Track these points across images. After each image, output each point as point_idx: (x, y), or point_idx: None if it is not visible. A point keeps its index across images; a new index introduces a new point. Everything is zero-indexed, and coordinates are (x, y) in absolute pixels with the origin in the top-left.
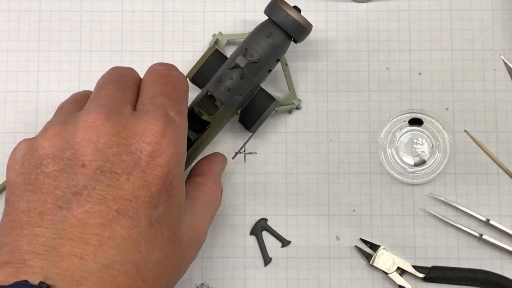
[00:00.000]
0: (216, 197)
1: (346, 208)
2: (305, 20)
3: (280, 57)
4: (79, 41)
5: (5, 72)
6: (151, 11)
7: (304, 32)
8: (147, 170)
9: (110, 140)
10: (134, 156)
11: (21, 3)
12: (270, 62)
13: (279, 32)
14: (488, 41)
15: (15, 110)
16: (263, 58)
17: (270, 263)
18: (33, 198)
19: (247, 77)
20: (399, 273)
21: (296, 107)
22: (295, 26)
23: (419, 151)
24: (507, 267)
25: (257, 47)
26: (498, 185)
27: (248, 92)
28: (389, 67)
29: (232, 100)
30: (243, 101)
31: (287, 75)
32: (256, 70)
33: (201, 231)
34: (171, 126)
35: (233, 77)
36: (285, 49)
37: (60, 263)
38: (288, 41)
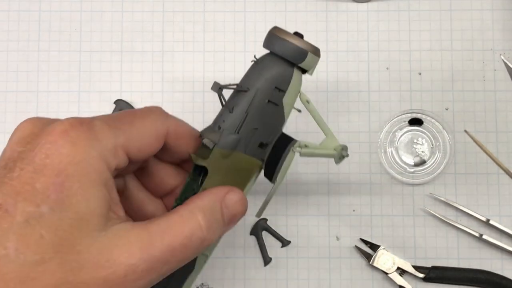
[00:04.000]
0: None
1: (346, 208)
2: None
3: (280, 85)
4: (79, 41)
5: (5, 72)
6: (151, 11)
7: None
8: (38, 167)
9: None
10: (32, 153)
11: (21, 3)
12: (265, 90)
13: (267, 57)
14: (488, 41)
15: (15, 110)
16: (251, 85)
17: (270, 263)
18: None
19: (237, 110)
20: (399, 273)
21: (342, 156)
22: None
23: (419, 151)
24: (507, 267)
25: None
26: (498, 185)
27: (249, 130)
28: (389, 67)
29: (226, 138)
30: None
31: (315, 115)
32: (247, 100)
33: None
34: (79, 127)
35: (223, 113)
36: (282, 75)
37: None
38: (283, 65)
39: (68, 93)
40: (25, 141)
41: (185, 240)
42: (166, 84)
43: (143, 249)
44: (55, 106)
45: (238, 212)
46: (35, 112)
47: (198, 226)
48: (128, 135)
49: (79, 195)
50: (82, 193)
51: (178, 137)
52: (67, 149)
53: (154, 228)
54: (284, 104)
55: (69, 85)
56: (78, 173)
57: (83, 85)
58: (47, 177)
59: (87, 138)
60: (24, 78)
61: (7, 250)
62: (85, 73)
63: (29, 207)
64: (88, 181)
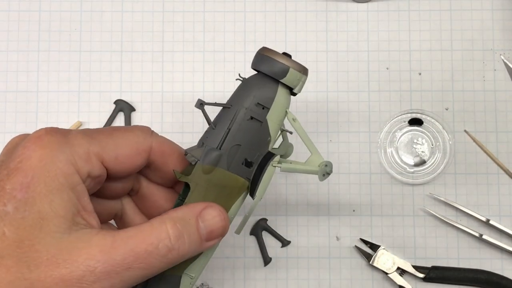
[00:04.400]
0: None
1: (346, 208)
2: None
3: (263, 102)
4: (79, 41)
5: (5, 72)
6: (151, 11)
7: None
8: (11, 170)
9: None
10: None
11: (21, 3)
12: (247, 107)
13: (252, 75)
14: (488, 41)
15: (15, 110)
16: (235, 102)
17: (270, 263)
18: None
19: (220, 126)
20: (399, 273)
21: (327, 172)
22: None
23: (419, 151)
24: (507, 267)
25: (232, 96)
26: (498, 185)
27: (232, 146)
28: (389, 67)
29: (209, 154)
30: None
31: (301, 133)
32: (229, 116)
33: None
34: (54, 134)
35: (207, 131)
36: (264, 90)
37: None
38: (266, 82)
39: (68, 93)
40: (9, 152)
41: (151, 247)
42: (166, 84)
43: (103, 252)
44: (55, 106)
45: (216, 228)
46: (35, 112)
47: (166, 235)
48: (104, 144)
49: (43, 196)
50: (46, 194)
51: (164, 155)
52: (37, 152)
53: (121, 234)
54: (269, 121)
55: (69, 85)
56: (45, 175)
57: (83, 85)
58: (16, 178)
59: (58, 142)
60: (24, 78)
61: None
62: (85, 73)
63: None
64: (54, 183)
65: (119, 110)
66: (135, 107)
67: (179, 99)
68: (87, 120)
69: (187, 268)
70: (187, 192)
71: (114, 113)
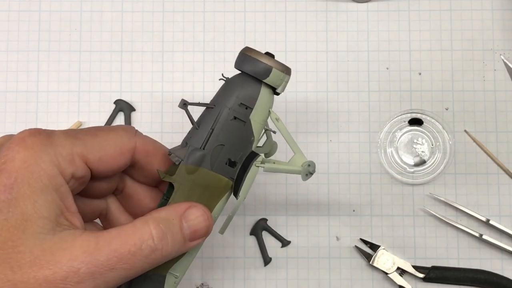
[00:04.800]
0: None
1: (346, 208)
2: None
3: (246, 102)
4: (79, 41)
5: (5, 72)
6: (151, 11)
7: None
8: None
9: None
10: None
11: (21, 3)
12: (231, 107)
13: (235, 75)
14: (488, 41)
15: (15, 110)
16: (218, 102)
17: (270, 263)
18: None
19: (203, 126)
20: (399, 273)
21: (310, 172)
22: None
23: (419, 151)
24: (507, 267)
25: (215, 97)
26: (498, 185)
27: (215, 146)
28: (389, 67)
29: (192, 154)
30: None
31: (284, 133)
32: (212, 117)
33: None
34: (37, 135)
35: (190, 131)
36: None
37: None
38: (249, 82)
39: (68, 93)
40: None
41: (134, 247)
42: (166, 84)
43: (87, 253)
44: (55, 106)
45: (200, 227)
46: (35, 112)
47: (149, 236)
48: (87, 145)
49: (27, 197)
50: (30, 195)
51: (148, 154)
52: (21, 154)
53: (104, 235)
54: (252, 121)
55: (69, 85)
56: (28, 176)
57: (83, 85)
58: (0, 180)
59: (42, 144)
60: (24, 78)
61: None
62: (85, 73)
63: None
64: (38, 184)
65: (119, 110)
66: (135, 107)
67: (179, 99)
68: (87, 120)
69: (171, 267)
70: (171, 191)
71: (114, 113)
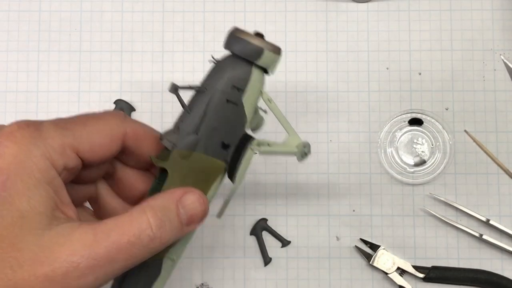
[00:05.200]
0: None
1: (346, 208)
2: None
3: (238, 84)
4: (79, 41)
5: (5, 72)
6: (151, 11)
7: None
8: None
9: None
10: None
11: (21, 3)
12: (223, 90)
13: (225, 57)
14: (488, 41)
15: (15, 110)
16: (209, 85)
17: (270, 263)
18: None
19: (195, 110)
20: (399, 273)
21: (305, 153)
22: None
23: (419, 151)
24: (507, 267)
25: (205, 79)
26: (498, 185)
27: (209, 130)
28: (389, 67)
29: (185, 139)
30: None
31: (277, 114)
32: (205, 100)
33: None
34: (26, 128)
35: (182, 115)
36: (239, 72)
37: None
38: (240, 64)
39: (68, 93)
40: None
41: (133, 238)
42: (166, 84)
43: (86, 247)
44: (55, 106)
45: (196, 212)
46: (35, 112)
47: (147, 225)
48: (77, 135)
49: (21, 194)
50: (24, 192)
51: (138, 139)
52: (11, 149)
53: (101, 227)
54: (244, 103)
55: (69, 85)
56: (21, 172)
57: (83, 85)
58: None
59: (32, 137)
60: (24, 78)
61: None
62: (85, 73)
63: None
64: (31, 180)
65: (119, 110)
66: (135, 107)
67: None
68: None
69: (168, 252)
70: (164, 175)
71: None
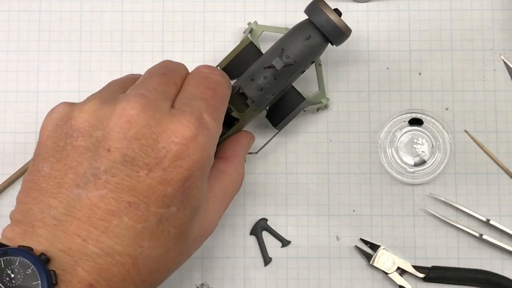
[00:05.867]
0: (234, 186)
1: (346, 208)
2: (345, 25)
3: (316, 59)
4: (79, 41)
5: (5, 72)
6: (151, 11)
7: (343, 37)
8: (168, 169)
9: (140, 132)
10: (159, 154)
11: (21, 3)
12: (305, 64)
13: (318, 35)
14: (488, 41)
15: (15, 110)
16: (299, 60)
17: (270, 263)
18: (56, 167)
19: (281, 78)
20: (399, 273)
21: (324, 106)
22: (335, 30)
23: (419, 151)
24: (507, 267)
25: (293, 48)
26: (498, 185)
27: (280, 92)
28: (389, 67)
29: (264, 99)
30: (273, 100)
31: (319, 75)
32: (291, 72)
33: (210, 225)
34: (203, 131)
35: (267, 77)
36: (321, 51)
37: (64, 240)
38: (325, 44)
39: (68, 93)
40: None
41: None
42: None
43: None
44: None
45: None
46: (35, 112)
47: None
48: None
49: (197, 191)
50: (199, 188)
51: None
52: (197, 155)
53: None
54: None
55: (69, 85)
56: (201, 174)
57: (83, 85)
58: (177, 181)
59: (210, 141)
60: (24, 78)
61: (143, 248)
62: (85, 73)
63: (161, 209)
64: (205, 177)
65: None
66: None
67: None
68: None
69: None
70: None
71: None
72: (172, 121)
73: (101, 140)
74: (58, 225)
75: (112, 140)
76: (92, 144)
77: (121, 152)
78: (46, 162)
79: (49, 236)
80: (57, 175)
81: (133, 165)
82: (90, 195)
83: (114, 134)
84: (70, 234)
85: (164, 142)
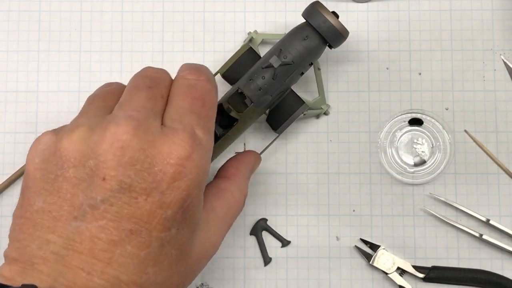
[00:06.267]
0: (237, 205)
1: (346, 208)
2: (343, 27)
3: (314, 61)
4: (79, 41)
5: (5, 72)
6: (151, 11)
7: (340, 38)
8: (167, 192)
9: (134, 157)
10: (156, 177)
11: (21, 3)
12: (303, 65)
13: (315, 36)
14: (488, 41)
15: (15, 110)
16: (296, 60)
17: (270, 263)
18: (49, 200)
19: (279, 78)
20: (399, 273)
21: (324, 113)
22: (333, 32)
23: (419, 151)
24: (507, 267)
25: (291, 49)
26: (498, 185)
27: (278, 92)
28: (389, 67)
29: (262, 99)
30: (272, 101)
31: (319, 80)
32: (289, 72)
33: (211, 246)
34: (198, 148)
35: (265, 77)
36: (319, 53)
37: (68, 275)
38: (323, 46)
39: (68, 93)
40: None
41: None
42: None
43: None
44: (55, 106)
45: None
46: (35, 112)
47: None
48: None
49: (195, 210)
50: (197, 206)
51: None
52: (193, 174)
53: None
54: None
55: (69, 85)
56: (198, 192)
57: (83, 85)
58: (176, 202)
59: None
60: (24, 78)
61: (148, 275)
62: (85, 73)
63: (162, 233)
64: (201, 193)
65: None
66: None
67: None
68: None
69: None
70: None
71: None
72: (165, 141)
73: (94, 169)
74: (60, 260)
75: (107, 168)
76: (85, 174)
77: (117, 179)
78: (38, 196)
79: (51, 272)
80: (51, 209)
81: (131, 191)
82: (90, 226)
83: (108, 162)
84: (73, 269)
85: (159, 164)
